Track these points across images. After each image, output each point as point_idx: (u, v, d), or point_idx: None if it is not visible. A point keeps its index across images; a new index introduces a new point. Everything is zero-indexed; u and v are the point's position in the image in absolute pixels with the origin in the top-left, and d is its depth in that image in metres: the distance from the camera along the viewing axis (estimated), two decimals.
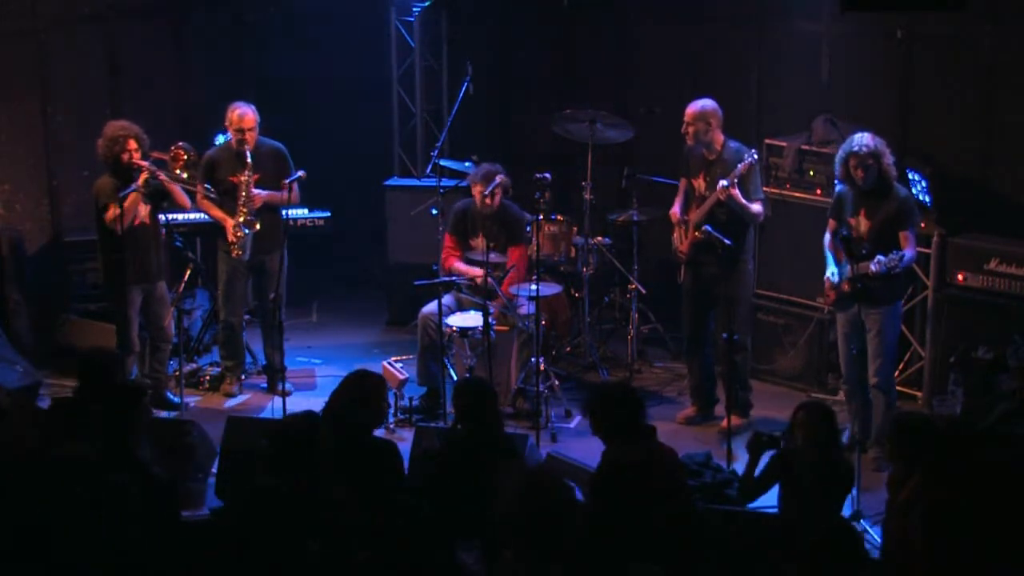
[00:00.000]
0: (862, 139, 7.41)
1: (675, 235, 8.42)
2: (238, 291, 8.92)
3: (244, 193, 8.54)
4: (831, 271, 7.71)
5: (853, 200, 7.60)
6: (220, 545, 4.77)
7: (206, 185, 8.59)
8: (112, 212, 8.09)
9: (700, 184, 8.24)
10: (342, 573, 4.87)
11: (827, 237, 7.79)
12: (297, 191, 8.71)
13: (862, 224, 7.55)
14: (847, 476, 6.03)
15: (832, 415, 6.02)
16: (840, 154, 7.52)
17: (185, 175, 8.28)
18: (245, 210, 8.56)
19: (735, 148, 8.13)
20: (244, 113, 8.57)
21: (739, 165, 7.96)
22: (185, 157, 8.30)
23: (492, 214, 8.69)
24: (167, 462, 6.26)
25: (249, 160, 8.53)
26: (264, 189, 8.62)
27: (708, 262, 8.21)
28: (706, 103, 8.13)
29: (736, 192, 7.96)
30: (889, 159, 7.44)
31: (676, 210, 8.39)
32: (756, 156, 8.08)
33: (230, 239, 8.63)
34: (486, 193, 8.57)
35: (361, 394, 5.96)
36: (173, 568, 4.98)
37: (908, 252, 7.44)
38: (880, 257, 7.30)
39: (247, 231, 8.58)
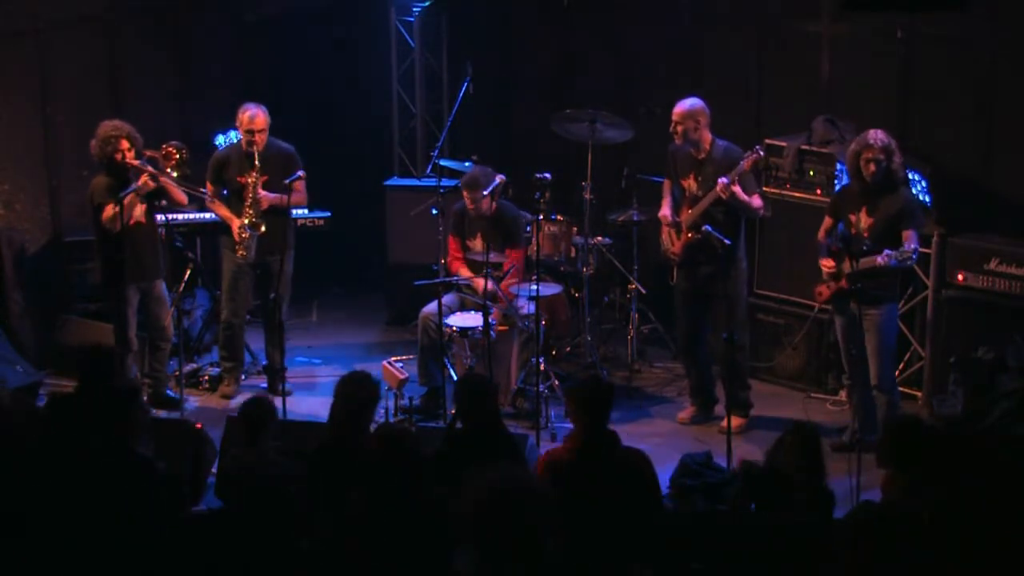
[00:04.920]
0: (877, 134, 7.45)
1: (663, 236, 8.40)
2: (242, 291, 8.91)
3: (251, 195, 8.54)
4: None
5: (854, 197, 7.61)
6: (221, 542, 4.77)
7: (219, 187, 8.62)
8: (109, 211, 8.08)
9: (691, 184, 8.22)
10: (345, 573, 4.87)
11: (820, 234, 7.81)
12: (304, 191, 8.72)
13: (863, 220, 7.55)
14: (829, 504, 5.68)
15: (818, 439, 5.70)
16: (853, 147, 7.55)
17: (176, 173, 8.24)
18: (252, 212, 8.55)
19: (724, 147, 8.12)
20: (255, 115, 8.57)
21: (742, 161, 7.94)
22: (177, 156, 8.29)
23: (487, 216, 8.68)
24: (169, 460, 6.25)
25: (257, 163, 8.53)
26: (272, 191, 8.59)
27: (703, 262, 8.19)
28: (694, 102, 8.11)
29: (738, 188, 7.95)
30: (899, 159, 7.49)
31: (667, 212, 8.35)
32: (760, 152, 8.06)
33: (236, 240, 8.63)
34: (473, 200, 8.56)
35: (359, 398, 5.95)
36: (178, 563, 4.98)
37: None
38: (888, 251, 7.30)
39: (252, 232, 8.57)
